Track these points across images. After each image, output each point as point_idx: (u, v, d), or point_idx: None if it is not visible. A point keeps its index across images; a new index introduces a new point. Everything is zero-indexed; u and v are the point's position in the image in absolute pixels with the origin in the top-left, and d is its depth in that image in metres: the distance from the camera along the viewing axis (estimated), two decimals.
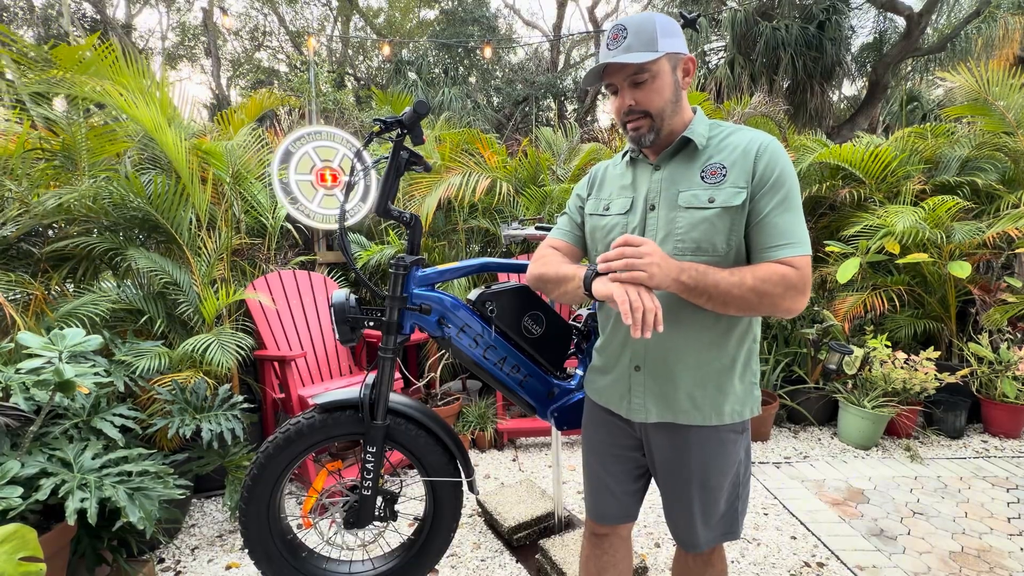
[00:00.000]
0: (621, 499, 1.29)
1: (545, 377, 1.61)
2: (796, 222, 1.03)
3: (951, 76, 3.76)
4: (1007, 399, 3.26)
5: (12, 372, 1.67)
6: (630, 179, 1.19)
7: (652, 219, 1.11)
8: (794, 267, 1.00)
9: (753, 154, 1.05)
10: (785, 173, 1.04)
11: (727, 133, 1.11)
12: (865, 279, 3.61)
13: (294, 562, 1.57)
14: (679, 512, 1.21)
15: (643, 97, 1.07)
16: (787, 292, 0.99)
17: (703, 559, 1.29)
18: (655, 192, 1.12)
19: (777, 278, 0.99)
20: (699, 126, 1.11)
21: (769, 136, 1.08)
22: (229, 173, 2.97)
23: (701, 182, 1.07)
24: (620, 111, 1.11)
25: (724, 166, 1.06)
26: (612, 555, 1.35)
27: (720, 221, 1.04)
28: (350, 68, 14.54)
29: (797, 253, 1.01)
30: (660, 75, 1.06)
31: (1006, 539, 2.25)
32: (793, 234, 1.02)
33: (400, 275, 1.46)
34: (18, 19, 11.86)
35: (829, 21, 8.25)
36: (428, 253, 3.82)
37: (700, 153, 1.10)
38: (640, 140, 1.11)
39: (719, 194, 1.04)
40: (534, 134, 5.25)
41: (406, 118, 1.42)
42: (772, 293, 0.98)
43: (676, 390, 1.12)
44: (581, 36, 15.10)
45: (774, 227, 1.02)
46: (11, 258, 2.43)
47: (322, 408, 1.50)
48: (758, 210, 1.03)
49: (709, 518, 1.19)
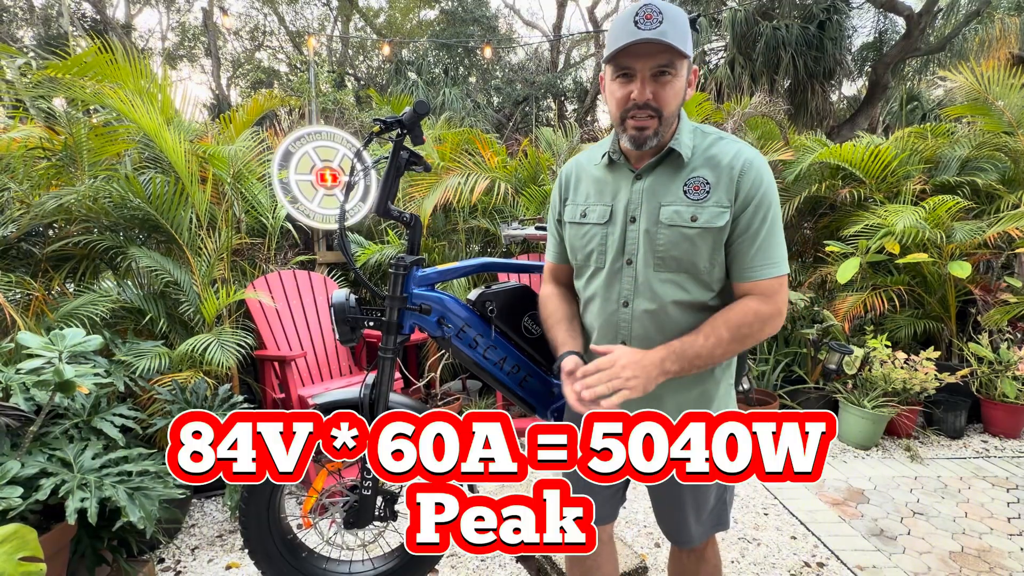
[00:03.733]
0: (605, 501, 1.28)
1: (545, 377, 1.61)
2: (777, 243, 1.04)
3: (951, 75, 3.77)
4: (1007, 399, 3.26)
5: (12, 372, 1.68)
6: (609, 184, 1.13)
7: (633, 232, 1.08)
8: (766, 295, 1.03)
9: (737, 172, 1.02)
10: (768, 193, 1.03)
11: (710, 143, 1.07)
12: (865, 279, 3.61)
13: (294, 562, 1.57)
14: (672, 512, 1.22)
15: (662, 94, 0.99)
16: (764, 326, 1.03)
17: (697, 554, 1.30)
18: (636, 204, 1.08)
19: (751, 318, 1.02)
20: (684, 135, 1.06)
21: (753, 151, 1.05)
22: (230, 174, 2.97)
23: (684, 197, 1.04)
24: (625, 101, 1.00)
25: (708, 182, 1.03)
26: (595, 558, 1.34)
27: (702, 241, 1.03)
28: (350, 68, 14.54)
29: (776, 274, 1.03)
30: (680, 77, 1.00)
31: (1006, 539, 2.25)
32: (773, 255, 1.03)
33: (400, 275, 1.45)
34: (18, 19, 11.87)
35: (829, 21, 8.24)
36: (428, 253, 3.82)
37: (685, 165, 1.05)
38: (643, 142, 1.02)
39: (702, 213, 1.02)
40: (534, 134, 5.25)
41: (406, 118, 1.42)
42: (751, 334, 1.02)
43: (661, 401, 1.11)
44: (581, 36, 15.10)
45: (755, 248, 1.02)
46: (12, 258, 2.44)
47: (322, 408, 1.50)
48: (740, 229, 1.02)
49: (701, 514, 1.20)
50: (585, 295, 1.20)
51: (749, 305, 1.03)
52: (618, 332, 1.11)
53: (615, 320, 1.11)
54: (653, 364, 0.98)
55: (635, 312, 1.09)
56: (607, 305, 1.13)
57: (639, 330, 1.09)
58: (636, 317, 1.09)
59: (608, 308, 1.12)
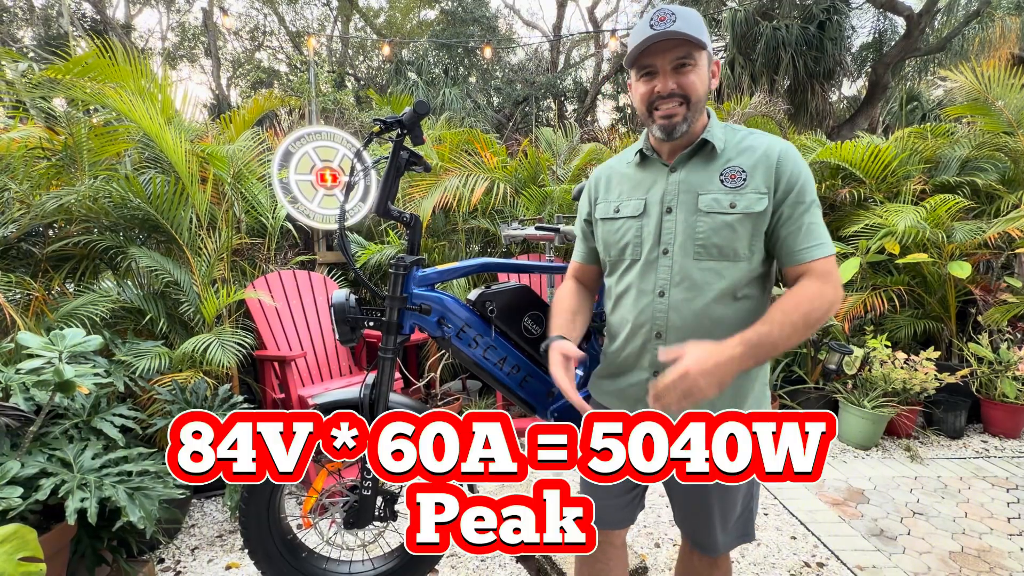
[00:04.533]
0: (621, 506, 1.27)
1: (545, 377, 1.61)
2: (822, 224, 1.06)
3: (952, 75, 3.77)
4: (1007, 399, 3.26)
5: (12, 372, 1.68)
6: (642, 180, 1.16)
7: (669, 222, 1.09)
8: (823, 275, 1.02)
9: (775, 161, 1.04)
10: (808, 180, 1.05)
11: (742, 136, 1.10)
12: (865, 279, 3.61)
13: (294, 562, 1.57)
14: (697, 518, 1.19)
15: (686, 82, 1.04)
16: (831, 307, 1.01)
17: (709, 560, 1.27)
18: (672, 195, 1.10)
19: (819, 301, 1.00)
20: (716, 129, 1.10)
21: (786, 142, 1.08)
22: (230, 174, 2.97)
23: (721, 186, 1.06)
24: (650, 96, 1.06)
25: (744, 170, 1.05)
26: (605, 563, 1.32)
27: (742, 227, 1.04)
28: (350, 68, 14.54)
29: (827, 253, 1.04)
30: (701, 66, 1.05)
31: (1006, 539, 2.25)
32: (821, 236, 1.04)
33: (400, 275, 1.46)
34: (18, 19, 11.87)
35: (829, 21, 8.25)
36: (428, 253, 3.82)
37: (718, 156, 1.08)
38: (672, 129, 1.06)
39: (740, 199, 1.04)
40: (534, 134, 5.25)
41: (406, 118, 1.42)
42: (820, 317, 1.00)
43: None
44: (581, 36, 15.10)
45: (803, 231, 1.04)
46: (12, 258, 2.44)
47: (322, 408, 1.50)
48: (786, 216, 1.04)
49: (727, 522, 1.18)
50: (618, 290, 1.19)
51: (812, 287, 1.01)
52: (653, 323, 1.11)
53: (650, 311, 1.11)
54: (730, 364, 0.94)
55: (671, 302, 1.09)
56: (642, 297, 1.13)
57: (675, 320, 1.08)
58: (672, 306, 1.08)
59: (643, 300, 1.12)
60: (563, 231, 2.00)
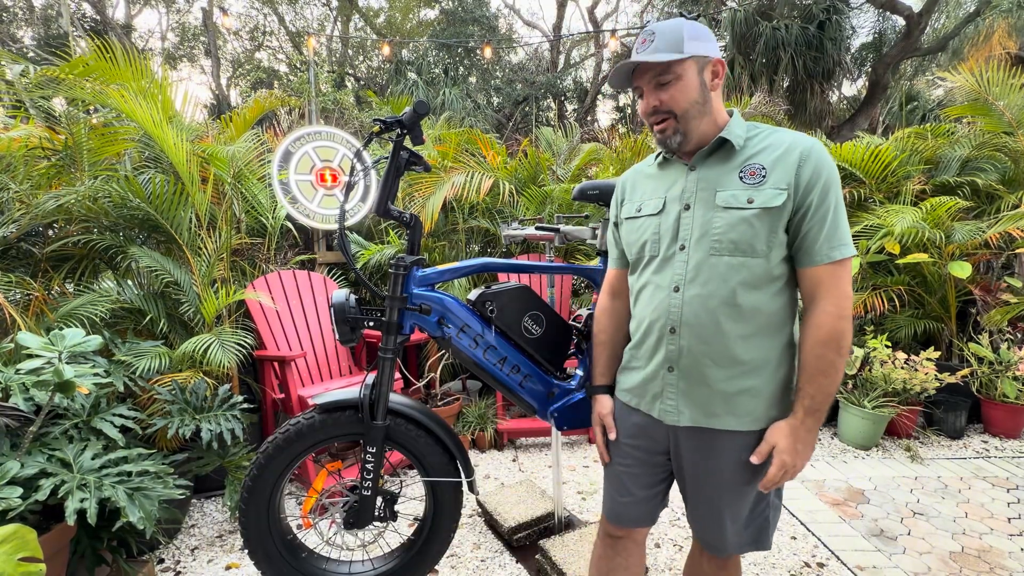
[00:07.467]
0: (643, 502, 1.27)
1: (545, 377, 1.61)
2: (844, 224, 1.05)
3: (951, 76, 3.76)
4: (1007, 399, 3.26)
5: (12, 372, 1.67)
6: (663, 179, 1.19)
7: (687, 218, 1.10)
8: (835, 278, 1.05)
9: (796, 158, 1.04)
10: (832, 178, 1.04)
11: (766, 134, 1.10)
12: (865, 279, 3.61)
13: (294, 562, 1.57)
14: (707, 517, 1.19)
15: (667, 97, 1.08)
16: (849, 326, 1.04)
17: (718, 563, 1.27)
18: (691, 192, 1.11)
19: (840, 331, 1.03)
20: (736, 127, 1.11)
21: (811, 139, 1.06)
22: (230, 174, 2.97)
23: (740, 182, 1.06)
24: (646, 112, 1.12)
25: (763, 167, 1.05)
26: (625, 558, 1.32)
27: (759, 222, 1.03)
28: (350, 68, 14.53)
29: (847, 254, 1.04)
30: (685, 77, 1.07)
31: (1006, 539, 2.25)
32: (844, 236, 1.05)
33: (400, 275, 1.46)
34: (18, 19, 11.86)
35: (829, 21, 8.25)
36: (428, 253, 3.82)
37: (737, 154, 1.09)
38: (666, 142, 1.12)
39: (759, 195, 1.04)
40: (534, 134, 5.25)
41: (406, 118, 1.42)
42: (847, 344, 1.05)
43: (711, 393, 1.09)
44: (581, 36, 15.10)
45: (827, 230, 1.03)
46: (12, 258, 2.43)
47: (322, 408, 1.50)
48: (808, 215, 1.03)
49: (737, 523, 1.17)
50: (637, 286, 1.21)
51: (827, 318, 1.04)
52: (668, 318, 1.11)
53: (665, 307, 1.11)
54: (809, 435, 1.05)
55: (686, 297, 1.09)
56: (658, 292, 1.13)
57: (689, 316, 1.08)
58: (687, 302, 1.09)
59: (659, 295, 1.13)
60: (563, 231, 1.99)
